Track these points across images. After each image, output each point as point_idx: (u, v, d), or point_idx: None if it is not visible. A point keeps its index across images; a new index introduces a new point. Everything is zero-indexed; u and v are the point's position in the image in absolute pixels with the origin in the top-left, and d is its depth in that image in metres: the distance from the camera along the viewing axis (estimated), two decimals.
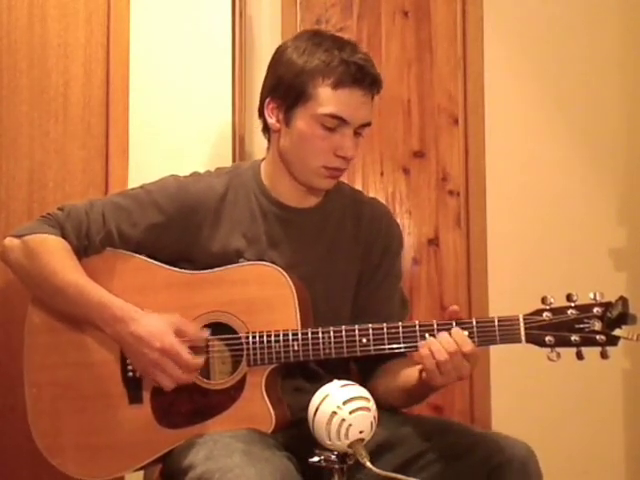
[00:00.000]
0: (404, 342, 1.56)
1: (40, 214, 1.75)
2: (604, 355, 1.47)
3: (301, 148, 1.67)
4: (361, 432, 1.35)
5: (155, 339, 1.55)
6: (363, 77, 1.64)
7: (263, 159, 1.81)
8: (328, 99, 1.63)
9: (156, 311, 1.60)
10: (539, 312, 1.50)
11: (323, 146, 1.65)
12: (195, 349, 1.59)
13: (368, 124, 1.69)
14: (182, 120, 2.36)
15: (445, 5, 2.74)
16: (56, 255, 1.64)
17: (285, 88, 1.67)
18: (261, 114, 1.75)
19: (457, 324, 1.53)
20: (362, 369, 1.79)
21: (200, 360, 1.57)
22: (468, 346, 1.49)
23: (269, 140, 1.77)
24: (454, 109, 2.73)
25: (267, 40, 2.52)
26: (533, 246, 2.72)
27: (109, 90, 2.31)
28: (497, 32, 2.73)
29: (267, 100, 1.71)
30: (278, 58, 1.71)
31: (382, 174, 2.70)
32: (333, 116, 1.64)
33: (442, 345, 1.49)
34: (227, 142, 2.39)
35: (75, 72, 2.29)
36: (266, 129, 1.76)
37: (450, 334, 1.51)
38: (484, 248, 2.70)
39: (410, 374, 1.63)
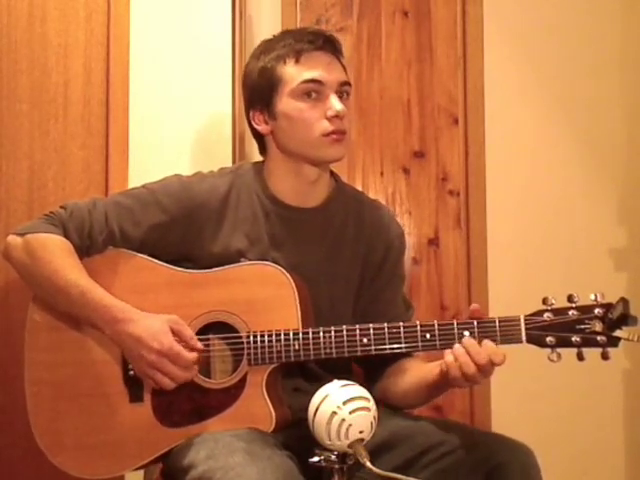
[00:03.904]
0: (405, 342, 1.56)
1: (40, 214, 1.74)
2: (605, 356, 1.47)
3: (294, 129, 1.69)
4: (361, 432, 1.34)
5: (153, 340, 1.55)
6: (316, 39, 1.70)
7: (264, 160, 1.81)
8: (295, 72, 1.68)
9: (158, 310, 1.60)
10: (540, 313, 1.51)
11: (312, 115, 1.68)
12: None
13: (346, 83, 1.72)
14: (182, 120, 2.36)
15: (445, 5, 2.74)
16: (58, 255, 1.64)
17: (258, 91, 1.73)
18: (252, 131, 1.79)
19: (458, 324, 1.54)
20: (369, 371, 1.78)
21: (199, 355, 1.58)
22: (499, 357, 1.49)
23: (265, 149, 1.79)
24: (454, 109, 2.73)
25: None
26: (533, 246, 2.73)
27: (109, 90, 2.31)
28: (497, 32, 2.73)
29: (250, 114, 1.76)
30: (244, 75, 1.79)
31: (382, 174, 2.71)
32: (306, 82, 1.67)
33: (472, 358, 1.49)
34: (227, 142, 2.39)
35: (75, 72, 2.29)
36: (262, 142, 1.79)
37: (480, 345, 1.50)
38: (484, 248, 2.70)
39: (427, 372, 1.63)
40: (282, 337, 1.58)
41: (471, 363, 1.49)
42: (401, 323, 1.57)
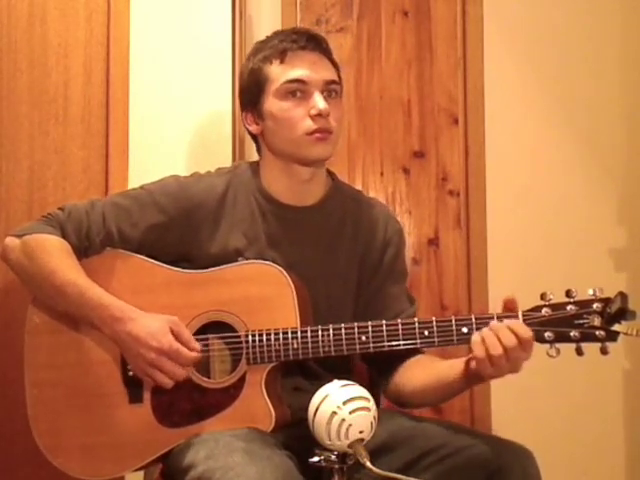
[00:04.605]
0: (403, 339, 1.56)
1: (40, 214, 1.75)
2: (604, 351, 1.47)
3: (280, 128, 1.70)
4: (361, 432, 1.34)
5: (152, 339, 1.55)
6: (299, 38, 1.71)
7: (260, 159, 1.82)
8: (280, 71, 1.69)
9: (156, 311, 1.60)
10: (538, 308, 1.50)
11: (296, 114, 1.68)
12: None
13: (334, 82, 1.72)
14: (182, 120, 2.36)
15: (445, 5, 2.74)
16: (56, 255, 1.64)
17: (248, 92, 1.75)
18: (247, 131, 1.80)
19: (456, 321, 1.54)
20: (379, 369, 1.76)
21: (199, 354, 1.58)
22: (527, 334, 1.45)
23: (260, 149, 1.80)
24: (454, 109, 2.73)
25: None
26: (533, 246, 2.72)
27: (109, 90, 2.31)
28: (497, 32, 2.73)
29: (243, 115, 1.78)
30: (238, 77, 1.84)
31: (382, 174, 2.70)
32: (289, 82, 1.68)
33: (501, 341, 1.45)
34: (227, 142, 2.39)
35: (75, 72, 2.30)
36: (257, 143, 1.80)
37: (508, 326, 1.46)
38: (484, 248, 2.70)
39: (447, 368, 1.61)
40: (281, 336, 1.58)
41: (498, 344, 1.45)
42: (399, 320, 1.57)
